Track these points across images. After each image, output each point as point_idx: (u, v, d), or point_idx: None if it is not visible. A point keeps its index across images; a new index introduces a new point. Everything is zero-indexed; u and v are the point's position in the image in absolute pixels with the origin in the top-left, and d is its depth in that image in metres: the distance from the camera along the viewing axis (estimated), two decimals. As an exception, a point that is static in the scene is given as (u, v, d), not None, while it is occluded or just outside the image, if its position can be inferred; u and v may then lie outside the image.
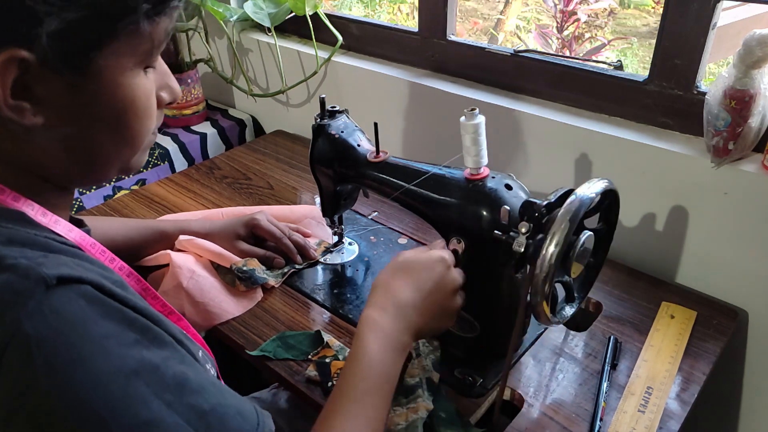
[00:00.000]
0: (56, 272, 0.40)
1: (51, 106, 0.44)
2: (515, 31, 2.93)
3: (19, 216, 0.46)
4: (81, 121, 0.46)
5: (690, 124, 0.89)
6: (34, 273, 0.40)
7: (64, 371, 0.38)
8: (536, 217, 0.61)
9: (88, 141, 0.48)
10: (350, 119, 0.88)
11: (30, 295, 0.39)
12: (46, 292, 0.39)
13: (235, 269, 0.88)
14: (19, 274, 0.40)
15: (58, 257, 0.43)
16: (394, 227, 1.05)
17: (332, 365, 0.75)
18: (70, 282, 0.41)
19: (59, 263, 0.42)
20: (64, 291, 0.40)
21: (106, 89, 0.46)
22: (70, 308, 0.40)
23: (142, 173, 1.28)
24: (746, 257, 0.87)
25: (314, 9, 1.24)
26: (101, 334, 0.40)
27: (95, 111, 0.46)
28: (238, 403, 0.46)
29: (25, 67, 0.41)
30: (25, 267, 0.40)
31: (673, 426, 0.69)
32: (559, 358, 0.78)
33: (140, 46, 0.47)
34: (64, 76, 0.44)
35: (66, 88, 0.44)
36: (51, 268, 0.40)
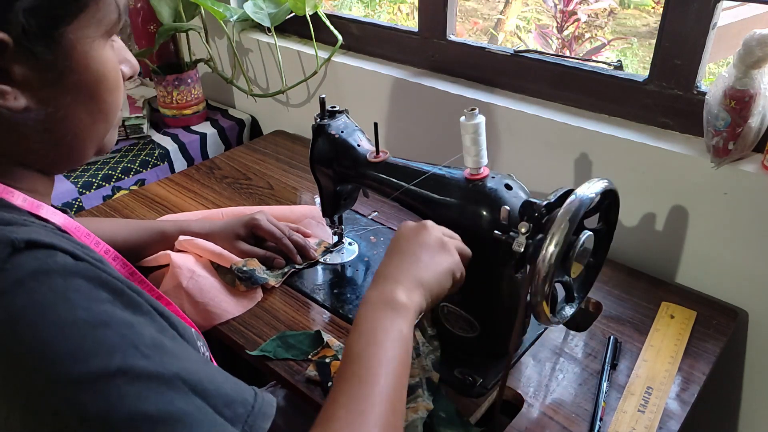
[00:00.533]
0: (26, 237, 0.40)
1: (31, 88, 0.45)
2: (515, 31, 2.93)
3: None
4: (59, 100, 0.47)
5: (690, 124, 0.89)
6: (3, 237, 0.40)
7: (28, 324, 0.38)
8: (536, 217, 0.61)
9: (67, 120, 0.48)
10: (350, 119, 0.88)
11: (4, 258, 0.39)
12: (14, 253, 0.39)
13: (235, 269, 0.88)
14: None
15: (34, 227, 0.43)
16: (394, 227, 1.05)
17: (332, 365, 0.75)
18: (39, 247, 0.41)
19: (32, 231, 0.42)
20: (33, 254, 0.40)
21: (79, 63, 0.46)
22: (36, 264, 0.40)
23: (141, 173, 1.28)
24: (746, 257, 0.87)
25: (314, 9, 1.24)
26: (68, 287, 0.40)
27: (71, 87, 0.47)
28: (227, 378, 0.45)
29: (2, 49, 0.42)
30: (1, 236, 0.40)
31: (673, 426, 0.69)
32: (559, 358, 0.78)
33: (106, 17, 0.47)
34: (40, 55, 0.44)
35: (42, 68, 0.45)
36: (21, 234, 0.40)
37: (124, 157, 1.28)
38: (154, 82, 1.40)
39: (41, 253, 0.41)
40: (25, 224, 0.45)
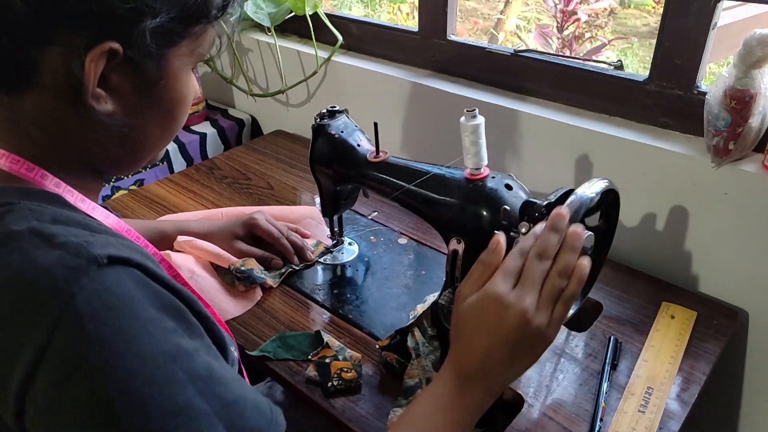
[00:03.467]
0: (105, 252, 0.41)
1: (122, 96, 0.48)
2: (515, 30, 2.93)
3: (57, 199, 0.48)
4: (143, 112, 0.50)
5: (690, 124, 0.89)
6: (85, 251, 0.41)
7: (114, 347, 0.39)
8: (536, 217, 0.61)
9: (143, 130, 0.51)
10: (350, 119, 0.88)
11: (83, 272, 0.40)
12: (98, 270, 0.40)
13: (233, 269, 0.88)
14: (71, 252, 0.41)
15: (104, 237, 0.45)
16: (394, 227, 1.05)
17: (332, 365, 0.75)
18: (118, 262, 0.42)
19: (106, 243, 0.43)
20: (114, 270, 0.41)
21: (169, 83, 0.50)
22: (120, 288, 0.41)
23: (141, 173, 1.28)
24: (746, 257, 0.87)
25: (314, 9, 1.24)
26: (146, 317, 0.41)
27: (157, 103, 0.50)
28: (255, 397, 0.47)
29: (111, 58, 0.45)
30: (75, 245, 0.41)
31: (674, 426, 0.69)
32: (560, 359, 0.78)
33: (200, 47, 0.51)
34: (140, 69, 0.47)
35: (138, 81, 0.48)
36: (100, 247, 0.42)
37: (123, 157, 1.28)
38: (154, 82, 1.40)
39: (122, 272, 0.42)
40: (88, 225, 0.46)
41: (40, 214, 0.44)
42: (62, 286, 0.39)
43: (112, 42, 0.44)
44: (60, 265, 0.40)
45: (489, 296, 0.53)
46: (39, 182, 0.48)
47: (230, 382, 0.45)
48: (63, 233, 0.43)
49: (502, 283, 0.53)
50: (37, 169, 0.48)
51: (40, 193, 0.48)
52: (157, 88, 0.49)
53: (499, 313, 0.52)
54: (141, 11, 0.44)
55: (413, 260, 0.97)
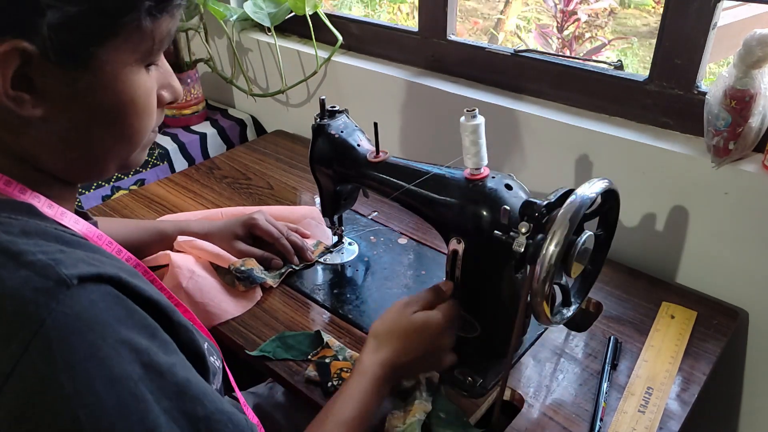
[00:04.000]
0: (75, 271, 0.40)
1: (51, 99, 0.45)
2: (515, 30, 2.93)
3: (27, 208, 0.46)
4: (79, 115, 0.46)
5: (690, 124, 0.89)
6: (53, 272, 0.40)
7: (84, 372, 0.38)
8: (536, 217, 0.61)
9: (86, 136, 0.48)
10: (350, 119, 0.88)
11: (52, 296, 0.39)
12: (68, 292, 0.39)
13: (233, 269, 0.88)
14: (39, 273, 0.40)
15: (74, 252, 0.43)
16: (394, 227, 1.05)
17: (332, 365, 0.75)
18: (89, 280, 0.41)
19: (77, 259, 0.42)
20: (85, 291, 0.40)
21: (106, 84, 0.46)
22: (91, 311, 0.40)
23: (141, 173, 1.28)
24: (746, 257, 0.87)
25: (314, 9, 1.24)
26: (118, 339, 0.40)
27: (94, 105, 0.47)
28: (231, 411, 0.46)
29: (26, 58, 0.42)
30: (44, 265, 0.40)
31: (674, 426, 0.69)
32: (560, 359, 0.78)
33: (141, 44, 0.47)
34: (65, 69, 0.44)
35: (66, 81, 0.44)
36: (69, 266, 0.41)
37: (123, 157, 1.28)
38: (154, 82, 1.40)
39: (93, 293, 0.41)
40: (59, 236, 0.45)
41: (8, 227, 0.43)
42: (31, 311, 0.38)
43: (18, 41, 0.41)
44: (28, 288, 0.39)
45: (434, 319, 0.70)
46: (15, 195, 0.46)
47: (205, 396, 0.44)
48: (31, 250, 0.41)
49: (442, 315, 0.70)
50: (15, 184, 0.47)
51: (12, 203, 0.46)
52: (89, 90, 0.46)
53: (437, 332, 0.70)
54: (41, 5, 0.41)
55: (413, 260, 0.97)
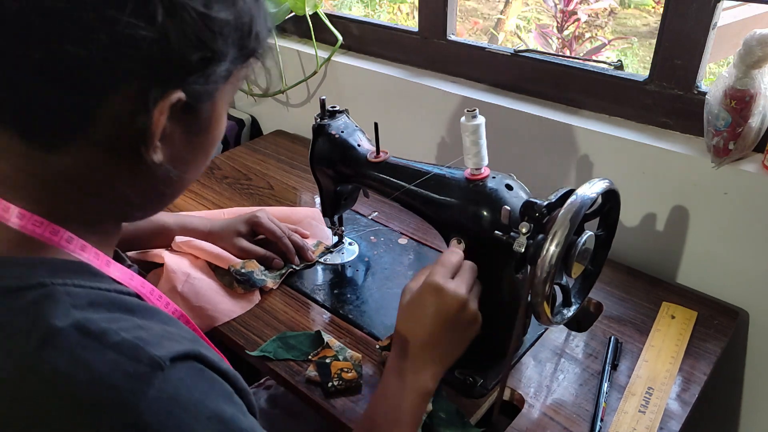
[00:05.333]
0: (165, 352, 0.39)
1: (172, 144, 0.44)
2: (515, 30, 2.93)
3: (82, 268, 0.44)
4: (188, 157, 0.46)
5: (690, 124, 0.89)
6: (144, 354, 0.38)
7: None
8: (537, 217, 0.61)
9: (184, 176, 0.48)
10: (350, 119, 0.88)
11: (146, 381, 0.37)
12: (162, 374, 0.37)
13: (233, 271, 0.88)
14: (129, 356, 0.37)
15: (150, 326, 0.41)
16: (394, 227, 1.05)
17: (332, 365, 0.75)
18: (178, 360, 0.39)
19: (158, 336, 0.40)
20: (176, 371, 0.39)
21: (211, 124, 0.47)
22: (182, 391, 0.38)
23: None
24: (746, 257, 0.87)
25: (314, 9, 1.24)
26: (207, 414, 0.39)
27: (197, 144, 0.47)
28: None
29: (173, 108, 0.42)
30: (131, 346, 0.38)
31: (674, 426, 0.69)
32: (560, 359, 0.78)
33: (237, 85, 0.48)
34: (194, 115, 0.44)
35: (190, 126, 0.44)
36: (156, 346, 0.39)
37: (124, 157, 1.28)
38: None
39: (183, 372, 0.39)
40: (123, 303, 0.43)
41: (76, 298, 0.40)
42: (127, 399, 0.36)
43: (180, 91, 0.41)
44: (119, 373, 0.36)
45: (431, 284, 0.64)
46: (65, 247, 0.44)
47: None
48: (112, 328, 0.38)
49: (441, 275, 0.64)
50: (63, 232, 0.44)
51: (68, 264, 0.43)
52: (205, 131, 0.46)
53: (441, 298, 0.63)
54: (211, 59, 0.42)
55: (413, 260, 0.97)
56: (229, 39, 0.42)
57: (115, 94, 0.39)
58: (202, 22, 0.40)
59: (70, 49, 0.37)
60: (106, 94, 0.39)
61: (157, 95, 0.40)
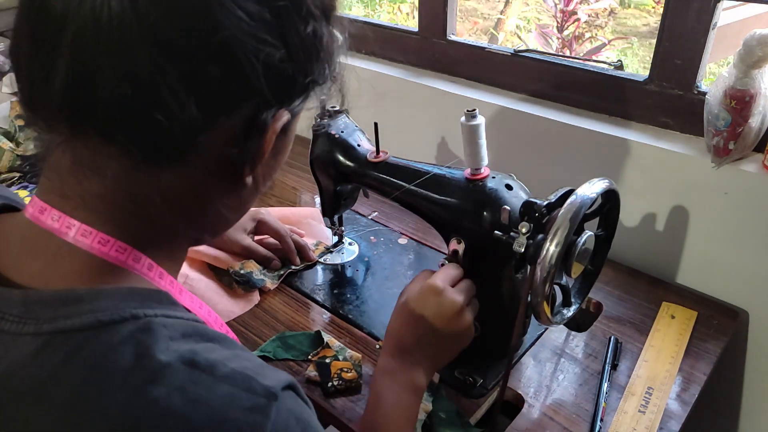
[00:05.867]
0: (274, 382, 0.38)
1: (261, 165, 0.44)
2: (515, 30, 2.93)
3: (165, 298, 0.42)
4: (267, 177, 0.46)
5: (690, 124, 0.89)
6: (257, 385, 0.37)
7: None
8: (537, 217, 0.61)
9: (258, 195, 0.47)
10: (350, 119, 0.88)
11: (265, 414, 0.36)
12: (276, 404, 0.37)
13: (231, 272, 0.88)
14: (243, 388, 0.36)
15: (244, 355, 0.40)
16: (394, 227, 1.05)
17: (332, 365, 0.75)
18: (285, 389, 0.39)
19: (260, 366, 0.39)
20: (284, 400, 0.38)
21: (286, 148, 0.47)
22: (294, 418, 0.38)
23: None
24: (746, 257, 0.87)
25: (314, 9, 1.24)
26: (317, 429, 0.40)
27: (274, 162, 0.46)
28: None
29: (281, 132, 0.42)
30: (243, 377, 0.37)
31: (674, 426, 0.69)
32: (560, 359, 0.78)
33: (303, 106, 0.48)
34: (281, 136, 0.44)
35: (275, 147, 0.44)
36: (263, 376, 0.38)
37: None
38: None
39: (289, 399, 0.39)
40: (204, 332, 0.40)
41: (171, 330, 0.38)
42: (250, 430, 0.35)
43: (287, 113, 0.41)
44: (238, 407, 0.35)
45: (431, 286, 0.65)
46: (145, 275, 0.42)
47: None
48: (219, 360, 0.37)
49: (441, 280, 0.66)
50: (144, 258, 0.42)
51: (152, 294, 0.40)
52: (283, 152, 0.46)
53: (440, 301, 0.65)
54: (314, 81, 0.43)
55: (413, 260, 0.97)
56: (325, 64, 0.44)
57: (239, 112, 0.39)
58: (315, 47, 0.42)
59: (208, 65, 0.37)
60: (232, 112, 0.39)
61: (272, 115, 0.41)
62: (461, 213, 0.71)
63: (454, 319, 0.65)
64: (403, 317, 0.66)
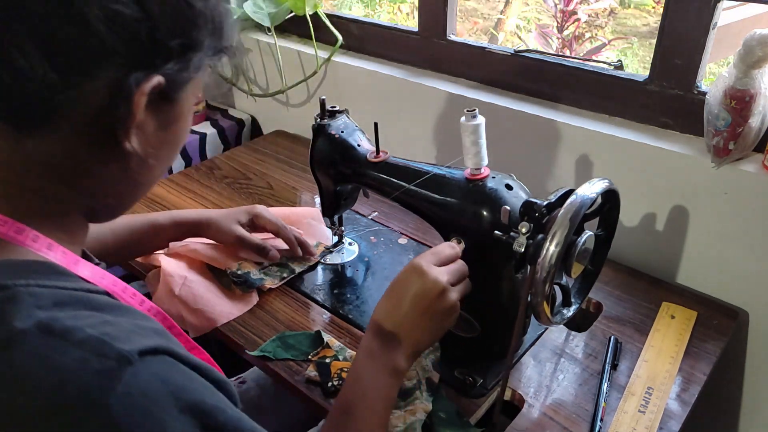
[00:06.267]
0: (133, 346, 0.38)
1: (146, 134, 0.44)
2: (515, 30, 2.93)
3: (47, 268, 0.43)
4: (159, 150, 0.47)
5: (690, 124, 0.89)
6: (111, 349, 0.37)
7: None
8: (537, 217, 0.61)
9: (154, 170, 0.48)
10: (350, 119, 0.88)
11: (115, 377, 0.36)
12: (130, 369, 0.37)
13: (229, 273, 0.88)
14: (96, 352, 0.37)
15: (118, 321, 0.41)
16: (394, 227, 1.05)
17: (332, 365, 0.75)
18: (148, 354, 0.38)
19: (127, 331, 0.39)
20: (145, 366, 0.38)
21: (182, 117, 0.47)
22: (154, 386, 0.38)
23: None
24: (746, 257, 0.87)
25: (314, 9, 1.24)
26: (181, 408, 0.39)
27: (171, 139, 0.47)
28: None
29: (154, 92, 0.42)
30: (97, 341, 0.37)
31: (674, 426, 0.69)
32: (560, 359, 0.78)
33: (201, 82, 0.48)
34: (168, 105, 0.44)
35: (162, 117, 0.45)
36: (124, 340, 0.38)
37: (123, 157, 1.28)
38: (154, 82, 1.40)
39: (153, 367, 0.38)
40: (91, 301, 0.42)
41: (40, 298, 0.39)
42: (96, 397, 0.35)
43: (160, 76, 0.41)
44: (87, 370, 0.36)
45: (415, 265, 0.64)
46: (30, 246, 0.42)
47: None
48: (77, 325, 0.38)
49: (426, 260, 0.64)
50: (28, 231, 0.43)
51: (33, 265, 0.42)
52: (175, 122, 0.46)
53: (423, 281, 0.63)
54: (190, 46, 0.42)
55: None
56: (204, 30, 0.43)
57: (98, 74, 0.39)
58: (183, 9, 0.41)
59: (60, 25, 0.37)
60: (89, 74, 0.39)
61: (139, 78, 0.40)
62: (461, 213, 0.71)
63: (437, 300, 0.63)
64: (386, 297, 0.65)
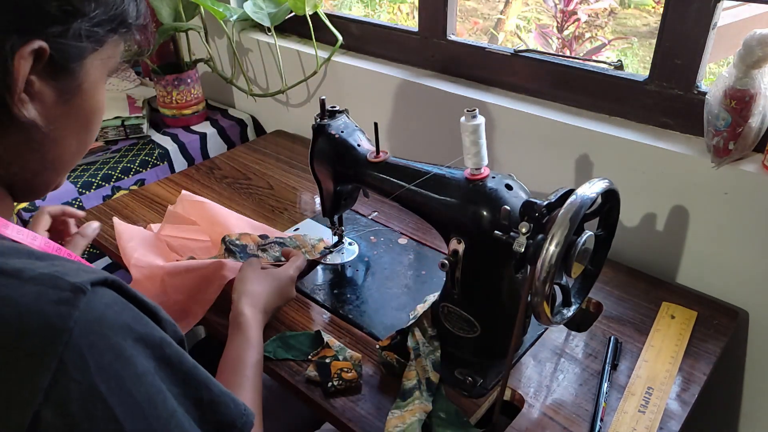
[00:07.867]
0: (83, 279, 0.40)
1: (44, 103, 0.45)
2: (515, 30, 2.93)
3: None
4: (63, 122, 0.47)
5: (690, 124, 0.89)
6: (64, 283, 0.39)
7: (114, 373, 0.39)
8: (536, 217, 0.61)
9: (62, 142, 0.49)
10: (350, 119, 0.88)
11: (72, 305, 0.38)
12: (84, 298, 0.39)
13: (227, 240, 0.89)
14: (50, 285, 0.39)
15: (62, 263, 0.42)
16: (394, 227, 1.05)
17: (332, 365, 0.75)
18: (99, 285, 0.40)
19: (74, 269, 0.41)
20: (98, 296, 0.40)
21: (89, 92, 0.48)
22: (109, 313, 0.40)
23: (141, 173, 1.27)
24: (746, 257, 0.87)
25: (314, 9, 1.24)
26: (135, 337, 0.41)
27: (76, 112, 0.48)
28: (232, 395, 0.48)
29: (39, 60, 0.42)
30: (50, 277, 0.39)
31: (674, 426, 0.69)
32: (560, 359, 0.78)
33: (113, 58, 0.49)
34: (64, 74, 0.45)
35: (61, 86, 0.45)
36: (74, 275, 0.40)
37: (123, 157, 1.28)
38: (154, 81, 1.40)
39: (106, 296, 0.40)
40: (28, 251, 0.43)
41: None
42: (56, 323, 0.37)
43: (41, 41, 0.42)
44: (44, 302, 0.38)
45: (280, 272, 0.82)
46: None
47: (209, 381, 0.46)
48: (26, 266, 0.40)
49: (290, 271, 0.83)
50: None
51: None
52: (77, 96, 0.47)
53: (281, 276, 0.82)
54: (71, 11, 0.43)
55: (413, 260, 0.97)
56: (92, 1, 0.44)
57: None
58: None
59: None
60: None
61: (18, 42, 0.41)
62: (461, 213, 0.71)
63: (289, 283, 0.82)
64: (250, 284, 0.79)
